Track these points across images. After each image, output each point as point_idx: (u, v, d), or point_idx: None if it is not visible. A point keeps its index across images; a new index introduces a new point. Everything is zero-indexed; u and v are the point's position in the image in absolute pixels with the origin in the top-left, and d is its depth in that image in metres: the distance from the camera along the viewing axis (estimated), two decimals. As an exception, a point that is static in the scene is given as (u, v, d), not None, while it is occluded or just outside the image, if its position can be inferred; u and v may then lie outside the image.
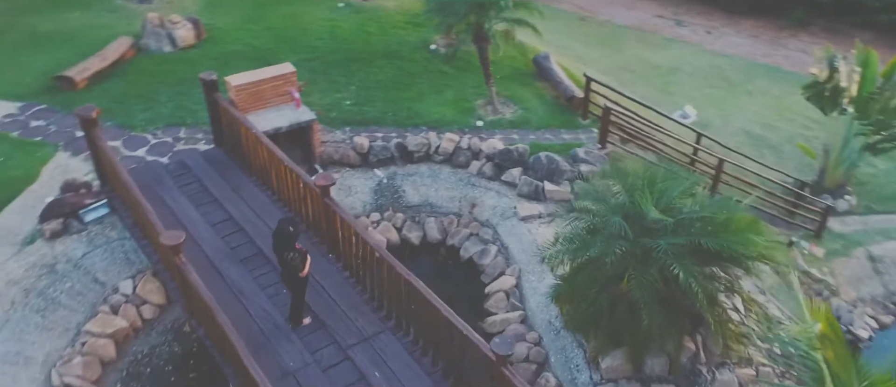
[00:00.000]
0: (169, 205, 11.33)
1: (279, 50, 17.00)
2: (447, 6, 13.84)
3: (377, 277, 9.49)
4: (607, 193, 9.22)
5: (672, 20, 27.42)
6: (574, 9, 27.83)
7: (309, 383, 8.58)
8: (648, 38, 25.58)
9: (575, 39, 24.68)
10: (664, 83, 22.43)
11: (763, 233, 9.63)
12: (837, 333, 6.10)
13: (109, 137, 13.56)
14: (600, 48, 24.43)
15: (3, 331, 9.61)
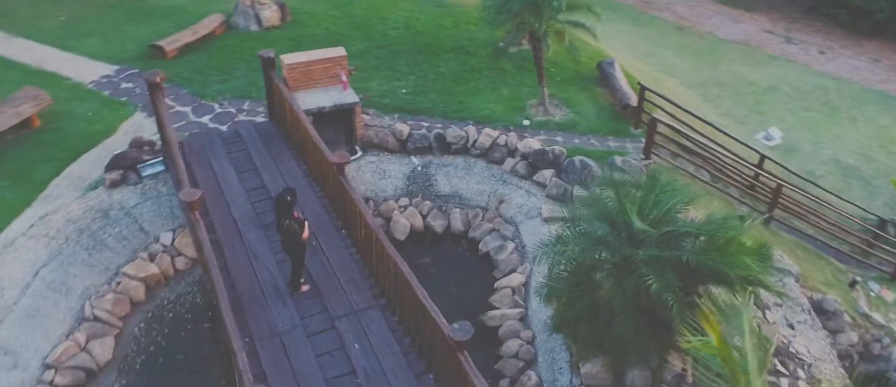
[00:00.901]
0: (214, 169, 12.34)
1: (354, 37, 17.83)
2: (501, 5, 14.04)
3: (375, 255, 9.97)
4: (600, 199, 9.19)
5: (782, 37, 26.09)
6: (674, 18, 27.08)
7: (292, 345, 9.20)
8: (751, 54, 24.52)
9: (667, 49, 24.08)
10: (756, 102, 21.52)
11: (768, 259, 9.29)
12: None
13: (182, 102, 14.90)
14: (693, 60, 23.70)
15: (54, 262, 10.92)
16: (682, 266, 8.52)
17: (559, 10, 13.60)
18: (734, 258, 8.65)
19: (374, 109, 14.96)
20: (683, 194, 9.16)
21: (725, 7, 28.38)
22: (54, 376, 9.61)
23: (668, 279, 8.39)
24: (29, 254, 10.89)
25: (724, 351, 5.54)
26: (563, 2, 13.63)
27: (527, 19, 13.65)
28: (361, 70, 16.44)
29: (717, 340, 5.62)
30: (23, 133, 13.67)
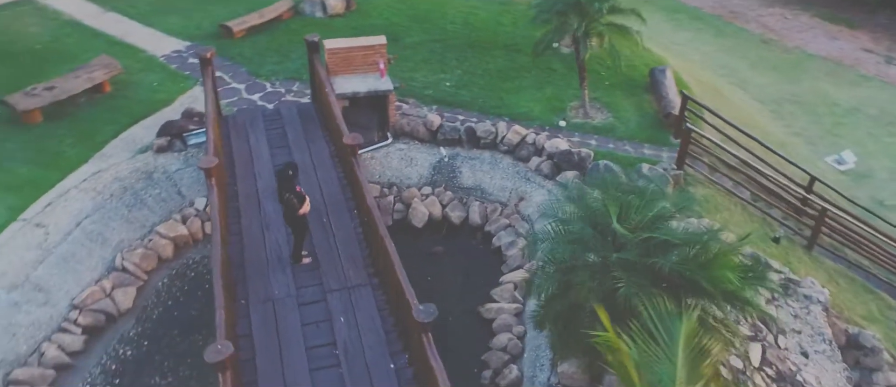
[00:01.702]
0: (250, 143, 13.13)
1: (411, 28, 18.32)
2: (547, 4, 14.07)
3: (374, 236, 10.37)
4: (585, 198, 9.18)
5: (883, 56, 24.59)
6: (760, 30, 26.01)
7: (282, 312, 9.76)
8: (840, 73, 23.27)
9: (745, 61, 23.23)
10: (834, 123, 20.47)
11: (762, 278, 9.00)
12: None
13: (238, 80, 15.87)
14: (772, 74, 22.76)
15: (96, 214, 11.99)
16: (665, 276, 8.43)
17: (601, 11, 13.47)
18: (716, 272, 8.47)
19: (414, 99, 15.37)
20: (664, 204, 8.99)
21: (823, 22, 26.95)
22: (78, 315, 10.60)
23: (641, 285, 8.31)
24: (77, 205, 12.01)
25: (615, 349, 5.51)
26: (604, 4, 13.50)
27: (570, 19, 13.62)
28: (410, 61, 16.93)
29: (611, 335, 5.60)
30: (95, 97, 15.00)
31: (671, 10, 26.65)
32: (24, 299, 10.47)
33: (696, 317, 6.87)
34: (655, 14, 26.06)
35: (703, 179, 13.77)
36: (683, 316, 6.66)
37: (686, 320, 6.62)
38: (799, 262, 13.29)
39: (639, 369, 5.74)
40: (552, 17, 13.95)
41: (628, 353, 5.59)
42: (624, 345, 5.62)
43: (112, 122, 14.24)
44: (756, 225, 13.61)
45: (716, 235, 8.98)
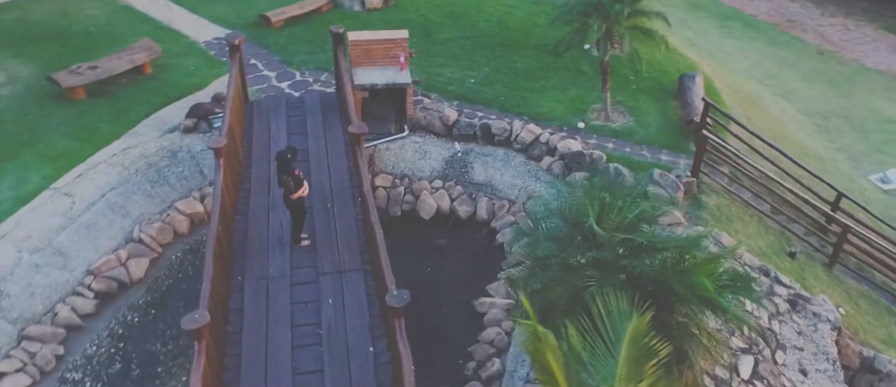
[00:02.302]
0: (270, 128, 13.61)
1: (445, 25, 18.54)
2: (568, 5, 14.05)
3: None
4: (566, 196, 9.20)
5: (951, 75, 23.43)
6: (817, 41, 25.20)
7: (275, 290, 10.14)
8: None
9: (795, 72, 22.58)
10: (883, 141, 19.75)
11: (747, 289, 8.85)
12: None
13: (270, 68, 16.43)
14: (822, 87, 22.05)
15: (121, 187, 12.68)
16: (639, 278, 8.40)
17: (622, 13, 13.37)
18: (693, 278, 8.39)
19: (437, 93, 15.60)
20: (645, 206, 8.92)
21: (888, 34, 25.91)
22: (93, 281, 11.27)
23: (613, 285, 8.30)
24: (104, 177, 12.73)
25: (539, 344, 5.55)
26: (625, 7, 13.38)
27: (591, 21, 13.57)
28: (439, 57, 17.15)
29: (535, 325, 5.66)
30: (135, 78, 15.80)
31: (723, 17, 26.04)
32: (44, 262, 11.20)
33: (650, 318, 6.82)
34: (705, 21, 25.57)
35: (719, 188, 13.50)
36: (634, 315, 6.65)
37: (636, 320, 6.61)
38: (815, 279, 12.89)
39: (567, 366, 5.78)
40: (574, 18, 13.90)
41: (554, 347, 5.64)
42: (551, 339, 5.68)
43: (147, 102, 14.99)
44: (772, 238, 13.27)
45: (697, 242, 8.87)
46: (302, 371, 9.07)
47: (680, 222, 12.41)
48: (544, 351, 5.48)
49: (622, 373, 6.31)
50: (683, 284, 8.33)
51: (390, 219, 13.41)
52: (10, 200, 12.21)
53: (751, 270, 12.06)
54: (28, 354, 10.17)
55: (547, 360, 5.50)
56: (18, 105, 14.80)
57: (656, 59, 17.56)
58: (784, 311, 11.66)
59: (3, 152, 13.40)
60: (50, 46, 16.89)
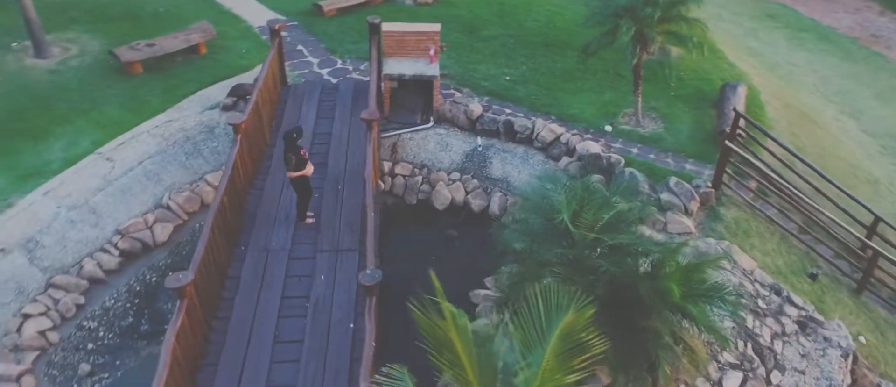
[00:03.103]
0: (301, 111, 14.23)
1: (492, 22, 18.70)
2: (601, 8, 13.94)
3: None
4: (546, 194, 9.25)
5: None
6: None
7: (273, 262, 10.69)
8: None
9: (869, 90, 21.51)
10: (954, 169, 18.47)
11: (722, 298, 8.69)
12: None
13: (315, 54, 17.10)
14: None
15: (158, 156, 13.59)
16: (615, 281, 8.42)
17: (652, 17, 13.15)
18: (661, 283, 8.32)
19: (469, 88, 15.82)
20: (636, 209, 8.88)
21: None
22: (119, 240, 12.17)
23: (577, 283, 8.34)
24: (143, 146, 13.68)
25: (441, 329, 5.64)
26: (656, 10, 13.17)
27: (620, 24, 13.43)
28: (480, 53, 17.34)
29: (443, 301, 5.78)
30: (190, 57, 16.81)
31: (797, 29, 24.93)
32: (79, 219, 12.19)
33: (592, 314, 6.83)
34: (777, 31, 24.57)
35: (742, 201, 13.11)
36: (571, 310, 6.70)
37: (573, 315, 6.66)
38: (836, 303, 12.35)
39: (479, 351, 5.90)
40: (605, 20, 13.79)
41: (463, 329, 5.76)
42: (462, 321, 5.81)
43: (196, 80, 15.92)
44: (793, 257, 12.79)
45: (676, 249, 8.78)
46: (283, 339, 9.54)
47: (690, 232, 12.17)
48: (449, 331, 5.63)
49: (549, 364, 6.40)
50: (651, 288, 8.27)
51: (405, 206, 13.75)
52: (59, 161, 13.32)
53: (761, 287, 11.70)
54: (52, 300, 11.12)
55: (451, 340, 5.64)
56: (84, 76, 16.04)
57: (701, 67, 17.14)
58: (791, 332, 11.25)
59: (63, 118, 14.60)
60: (120, 24, 18.15)
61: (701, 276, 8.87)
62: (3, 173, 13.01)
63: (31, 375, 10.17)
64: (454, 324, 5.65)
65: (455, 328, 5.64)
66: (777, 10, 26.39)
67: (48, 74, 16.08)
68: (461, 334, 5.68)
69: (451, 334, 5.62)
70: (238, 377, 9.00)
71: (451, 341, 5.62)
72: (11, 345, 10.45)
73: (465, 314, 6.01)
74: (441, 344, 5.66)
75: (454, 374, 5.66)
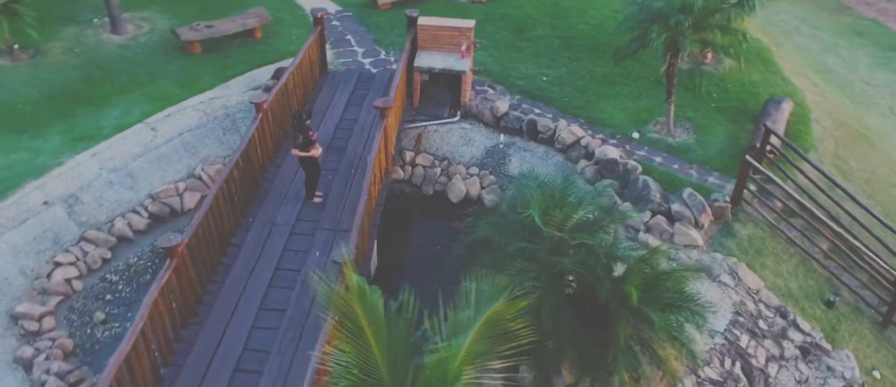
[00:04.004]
0: (333, 97, 14.82)
1: (541, 23, 18.72)
2: (634, 14, 13.74)
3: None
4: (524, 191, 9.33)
5: None
6: None
7: (274, 235, 11.28)
8: None
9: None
10: None
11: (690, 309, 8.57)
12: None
13: (361, 44, 17.70)
14: None
15: (197, 130, 14.51)
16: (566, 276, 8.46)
17: (682, 24, 12.87)
18: (622, 287, 8.30)
19: (503, 86, 15.96)
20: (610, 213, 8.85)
21: None
22: (150, 203, 13.12)
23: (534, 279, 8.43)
24: (186, 119, 14.64)
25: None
26: (687, 18, 12.87)
27: (650, 29, 13.22)
28: (523, 52, 17.41)
29: (351, 274, 6.02)
30: (246, 40, 17.76)
31: (884, 47, 23.48)
32: (117, 181, 13.23)
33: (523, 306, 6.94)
34: (861, 49, 23.23)
35: (762, 220, 12.65)
36: (502, 299, 6.83)
37: (502, 304, 6.81)
38: (852, 334, 11.77)
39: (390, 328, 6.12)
40: (636, 26, 13.61)
41: (373, 308, 5.98)
42: (375, 298, 6.04)
43: (247, 61, 16.82)
44: (811, 282, 12.25)
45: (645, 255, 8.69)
46: (268, 307, 10.09)
47: (697, 245, 11.88)
48: (353, 303, 5.88)
49: (471, 349, 6.57)
50: (611, 291, 8.26)
51: (421, 196, 14.09)
52: (110, 128, 14.46)
53: (765, 307, 11.30)
54: (82, 252, 12.16)
55: (357, 315, 5.89)
56: (148, 51, 17.27)
57: (751, 81, 16.56)
58: (791, 356, 10.84)
59: (122, 89, 15.81)
60: (191, 6, 19.33)
61: (673, 285, 8.75)
62: (60, 135, 14.26)
63: (51, 316, 11.17)
64: (360, 296, 5.92)
65: (360, 301, 5.90)
66: (866, 26, 24.93)
67: (118, 49, 17.40)
68: (366, 308, 5.93)
69: (354, 305, 5.89)
70: (220, 338, 9.61)
71: (355, 313, 5.89)
72: (40, 288, 11.51)
73: (377, 290, 6.27)
74: (344, 315, 5.94)
75: (354, 344, 5.92)
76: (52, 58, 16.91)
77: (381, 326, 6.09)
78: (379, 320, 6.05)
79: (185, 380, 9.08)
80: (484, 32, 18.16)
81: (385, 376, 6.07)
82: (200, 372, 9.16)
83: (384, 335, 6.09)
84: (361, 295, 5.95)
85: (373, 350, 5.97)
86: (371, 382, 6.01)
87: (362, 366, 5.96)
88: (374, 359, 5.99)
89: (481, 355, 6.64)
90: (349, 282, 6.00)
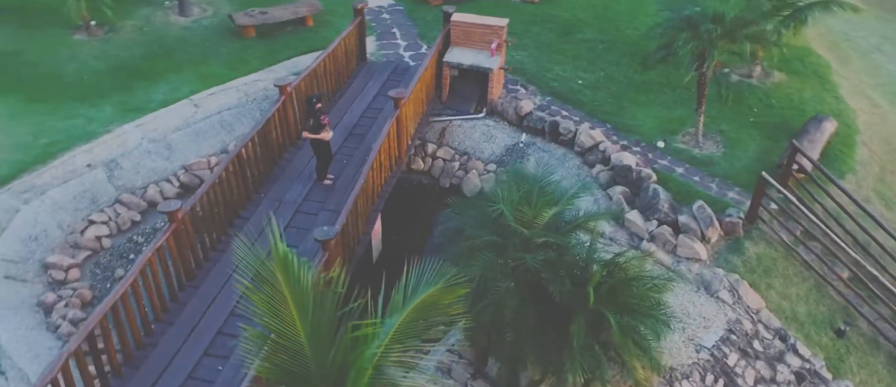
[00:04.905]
0: (366, 85, 15.31)
1: (590, 26, 18.58)
2: (667, 22, 13.47)
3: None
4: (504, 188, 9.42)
5: None
6: None
7: (281, 210, 11.85)
8: None
9: None
10: None
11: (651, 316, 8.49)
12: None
13: (405, 38, 18.14)
14: None
15: (236, 109, 15.31)
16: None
17: (711, 33, 12.53)
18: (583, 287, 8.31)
19: (536, 86, 15.99)
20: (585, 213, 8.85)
21: None
22: (182, 174, 13.98)
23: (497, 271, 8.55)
24: (227, 98, 15.50)
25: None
26: (717, 27, 12.53)
27: (678, 37, 12.95)
28: (563, 55, 17.35)
29: (278, 242, 6.32)
30: (298, 28, 18.55)
31: None
32: (155, 151, 14.18)
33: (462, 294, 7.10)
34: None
35: (777, 240, 12.18)
36: (440, 284, 7.02)
37: (439, 289, 7.00)
38: (861, 367, 11.21)
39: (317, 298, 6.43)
40: (665, 32, 13.35)
41: (299, 278, 6.29)
42: (303, 273, 6.34)
43: (295, 48, 17.57)
44: (822, 309, 11.73)
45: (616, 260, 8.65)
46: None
47: (699, 258, 11.60)
48: (279, 274, 6.20)
49: (403, 326, 6.83)
50: (569, 291, 8.28)
51: (437, 188, 14.34)
52: (158, 102, 15.48)
53: (764, 328, 10.93)
54: (115, 213, 13.14)
55: (281, 284, 6.22)
56: (207, 35, 18.32)
57: (799, 97, 15.89)
58: (783, 381, 10.45)
59: (177, 67, 16.86)
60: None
61: (641, 291, 8.67)
62: (114, 105, 15.39)
63: (77, 268, 12.16)
64: (284, 264, 6.26)
65: (283, 269, 6.24)
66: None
67: (182, 30, 18.55)
68: (290, 277, 6.26)
69: (277, 272, 6.24)
70: (211, 301, 10.23)
71: (278, 280, 6.23)
72: (72, 242, 12.53)
73: (307, 263, 6.60)
74: (263, 280, 6.30)
75: (268, 307, 6.26)
76: (122, 35, 18.21)
77: (307, 296, 6.40)
78: (304, 291, 6.37)
79: (172, 336, 9.74)
80: (529, 33, 18.24)
81: (305, 343, 6.39)
82: (187, 331, 9.79)
83: (309, 306, 6.41)
84: (286, 264, 6.29)
85: (294, 318, 6.30)
86: (288, 346, 6.35)
87: (279, 331, 6.31)
88: (296, 327, 6.32)
89: (413, 336, 6.85)
90: (274, 250, 6.34)
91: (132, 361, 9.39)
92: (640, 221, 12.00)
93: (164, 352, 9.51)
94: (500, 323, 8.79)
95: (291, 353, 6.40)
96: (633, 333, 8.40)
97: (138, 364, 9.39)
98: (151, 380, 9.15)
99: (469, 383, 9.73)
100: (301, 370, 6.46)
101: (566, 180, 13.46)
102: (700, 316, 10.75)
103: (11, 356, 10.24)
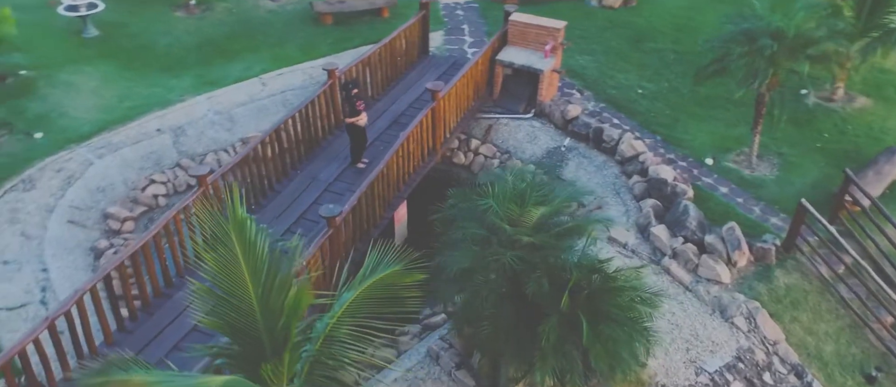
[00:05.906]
0: (421, 76, 15.70)
1: (665, 35, 18.05)
2: (726, 38, 12.86)
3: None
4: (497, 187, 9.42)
5: None
6: None
7: (311, 188, 12.48)
8: None
9: None
10: None
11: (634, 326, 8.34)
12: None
13: (473, 35, 18.39)
14: None
15: (299, 89, 16.09)
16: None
17: (769, 48, 11.89)
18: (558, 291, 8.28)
19: (592, 92, 15.76)
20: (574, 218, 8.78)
21: None
22: (239, 145, 14.87)
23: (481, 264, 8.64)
24: (292, 79, 16.35)
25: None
26: (774, 44, 11.89)
27: (732, 49, 12.40)
28: (629, 63, 16.98)
29: (236, 205, 6.68)
30: (374, 18, 19.19)
31: None
32: (219, 122, 15.20)
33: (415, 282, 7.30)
34: None
35: (813, 273, 11.45)
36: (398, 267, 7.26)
37: (394, 273, 7.25)
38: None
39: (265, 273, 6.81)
40: (721, 46, 12.80)
41: (253, 243, 6.66)
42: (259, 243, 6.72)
43: (365, 37, 18.16)
44: (855, 350, 10.95)
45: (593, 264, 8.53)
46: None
47: (720, 281, 11.12)
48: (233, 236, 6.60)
49: (356, 301, 7.14)
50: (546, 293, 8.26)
51: (474, 184, 14.44)
52: (231, 78, 16.55)
53: (779, 362, 10.35)
54: (174, 175, 14.22)
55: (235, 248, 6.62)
56: (289, 19, 19.34)
57: (882, 126, 14.79)
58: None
59: (255, 47, 17.93)
60: (340, -17, 21.22)
61: (625, 302, 8.51)
62: (193, 78, 16.60)
63: (132, 221, 13.29)
64: (239, 227, 6.68)
65: (237, 231, 6.66)
66: None
67: (267, 13, 19.68)
68: (243, 239, 6.66)
69: (231, 234, 6.66)
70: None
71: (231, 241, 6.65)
72: (133, 198, 13.70)
73: (264, 229, 7.01)
74: (217, 240, 6.73)
75: (220, 266, 6.68)
76: (215, 14, 19.57)
77: (260, 260, 6.80)
78: (258, 256, 6.77)
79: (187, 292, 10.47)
80: (600, 38, 17.97)
81: (255, 305, 6.79)
82: (201, 287, 10.51)
83: (262, 271, 6.80)
84: (241, 227, 6.71)
85: (246, 280, 6.72)
86: (236, 304, 6.77)
87: (228, 289, 6.74)
88: (246, 288, 6.74)
89: (367, 313, 7.14)
90: (231, 213, 6.76)
91: (148, 307, 10.23)
92: (666, 237, 11.64)
93: (177, 303, 10.28)
94: (478, 316, 8.87)
95: (240, 312, 6.82)
96: (607, 340, 8.23)
97: (153, 311, 10.22)
98: (158, 329, 9.94)
99: (453, 372, 9.86)
100: (249, 328, 6.87)
101: (601, 187, 13.34)
102: (709, 339, 10.33)
103: (56, 290, 11.38)
